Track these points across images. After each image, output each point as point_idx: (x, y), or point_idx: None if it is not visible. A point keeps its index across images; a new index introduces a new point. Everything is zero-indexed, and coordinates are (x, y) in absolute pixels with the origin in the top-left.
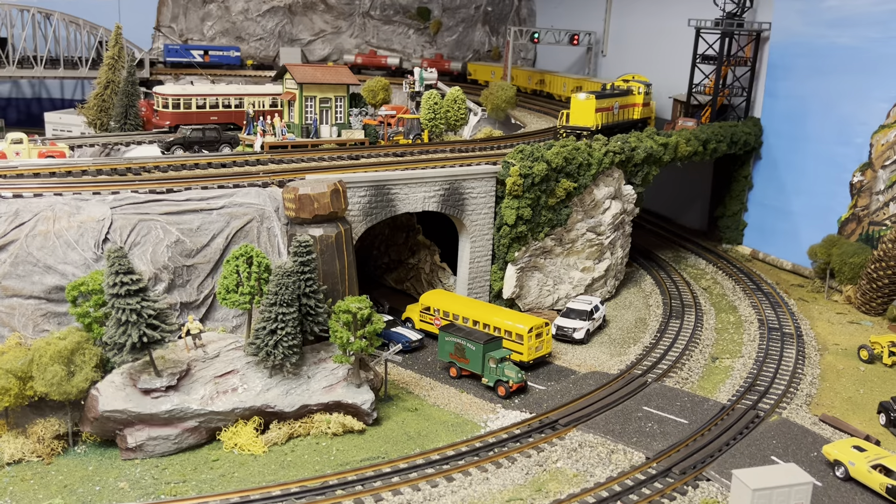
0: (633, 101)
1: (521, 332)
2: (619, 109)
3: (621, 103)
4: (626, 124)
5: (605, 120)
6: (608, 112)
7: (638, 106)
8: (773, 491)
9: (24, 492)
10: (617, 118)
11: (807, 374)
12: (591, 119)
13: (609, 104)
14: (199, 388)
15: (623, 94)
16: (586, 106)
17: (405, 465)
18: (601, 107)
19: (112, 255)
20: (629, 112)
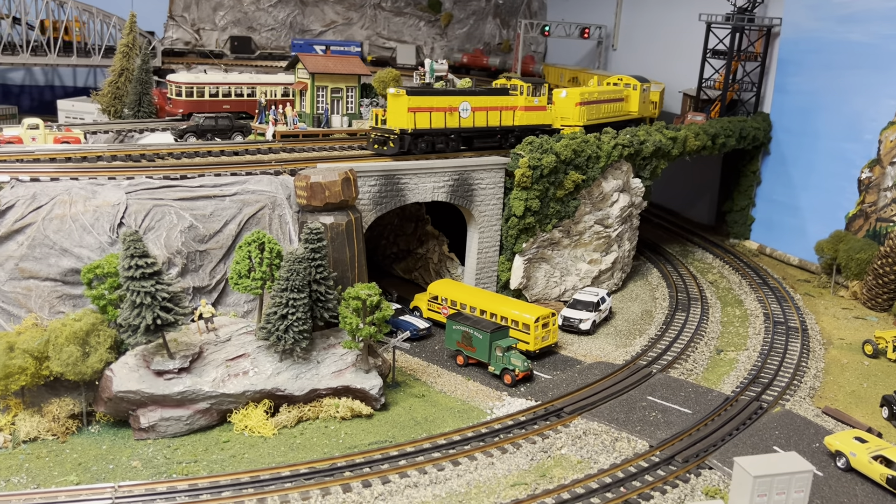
0: (512, 103)
1: (527, 322)
2: (477, 113)
3: (482, 105)
4: (494, 131)
5: (436, 123)
6: (444, 114)
7: (522, 110)
8: (773, 478)
9: (40, 469)
10: (468, 122)
11: (811, 368)
12: (405, 120)
13: (443, 104)
14: (211, 370)
15: (485, 93)
16: (398, 104)
17: (412, 449)
18: (420, 106)
19: (128, 239)
20: (506, 117)
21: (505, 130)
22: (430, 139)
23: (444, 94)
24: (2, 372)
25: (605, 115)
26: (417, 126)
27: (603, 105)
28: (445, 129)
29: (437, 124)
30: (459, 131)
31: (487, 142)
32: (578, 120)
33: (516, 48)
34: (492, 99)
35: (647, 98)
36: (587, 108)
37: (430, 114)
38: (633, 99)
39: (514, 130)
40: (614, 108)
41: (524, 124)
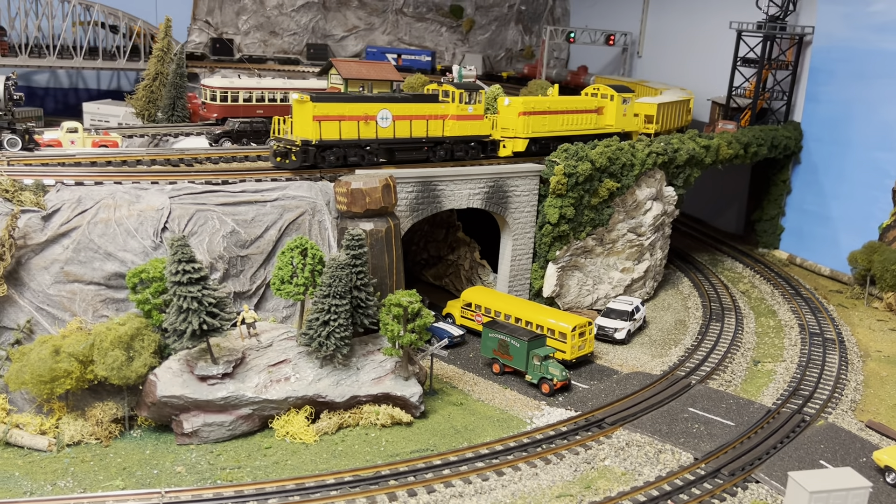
0: (442, 111)
1: (564, 331)
2: (399, 122)
3: (405, 113)
4: (419, 142)
5: (347, 133)
6: (357, 123)
7: (453, 119)
8: (830, 494)
9: (85, 473)
10: (387, 133)
11: (850, 380)
12: (310, 130)
13: (357, 112)
14: (254, 376)
15: (408, 100)
16: (303, 112)
17: (455, 458)
18: (328, 114)
19: (175, 244)
20: (434, 127)
21: (433, 142)
22: (341, 151)
23: (358, 101)
24: (48, 375)
25: (565, 128)
26: (324, 136)
27: (561, 116)
28: (359, 141)
29: (349, 135)
30: (377, 142)
31: (412, 154)
32: (522, 131)
33: (541, 55)
34: (416, 107)
35: (629, 110)
36: (535, 119)
37: (339, 123)
38: (610, 110)
39: (445, 142)
40: (581, 121)
41: (456, 135)
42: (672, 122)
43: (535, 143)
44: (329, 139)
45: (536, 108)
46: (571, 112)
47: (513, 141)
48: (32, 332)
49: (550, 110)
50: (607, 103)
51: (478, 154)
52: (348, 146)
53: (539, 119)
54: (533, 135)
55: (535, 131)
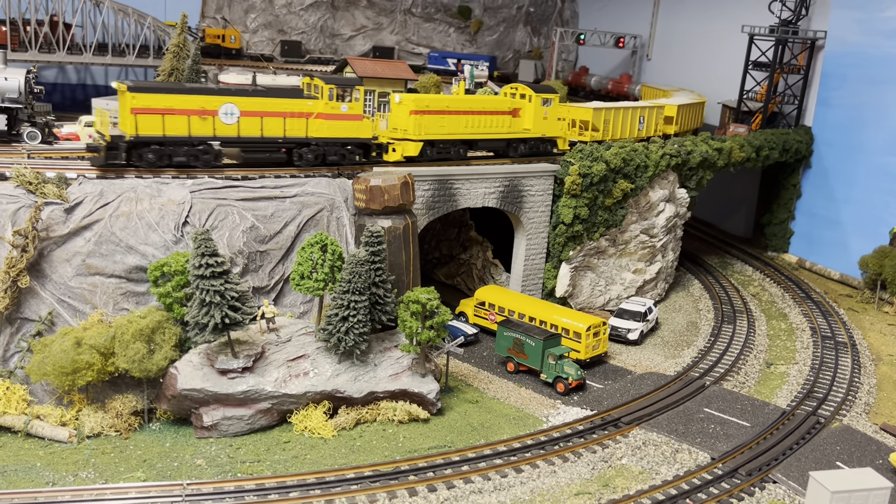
0: (306, 109)
1: (579, 331)
2: (248, 119)
3: (256, 109)
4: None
5: (174, 129)
6: (187, 118)
7: (321, 118)
8: (851, 494)
9: (106, 465)
10: (231, 131)
11: (864, 384)
12: (127, 124)
13: (190, 105)
14: (273, 370)
15: (260, 94)
16: (122, 104)
17: (474, 455)
18: (150, 106)
19: (199, 237)
20: (294, 126)
21: (294, 143)
22: (164, 150)
23: (194, 93)
24: (70, 367)
25: (470, 131)
26: (141, 132)
27: (465, 117)
28: (191, 138)
29: (177, 130)
30: (217, 141)
31: (262, 158)
32: (414, 133)
33: (551, 56)
34: (272, 102)
35: (551, 113)
36: (430, 120)
37: (163, 117)
38: (528, 113)
39: (311, 143)
40: (490, 123)
41: (324, 136)
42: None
43: (431, 146)
44: (148, 135)
45: (432, 106)
46: (478, 113)
47: (403, 144)
48: (54, 324)
49: (450, 110)
50: (524, 105)
51: (357, 159)
52: (176, 144)
53: (435, 119)
54: (427, 137)
55: (430, 133)
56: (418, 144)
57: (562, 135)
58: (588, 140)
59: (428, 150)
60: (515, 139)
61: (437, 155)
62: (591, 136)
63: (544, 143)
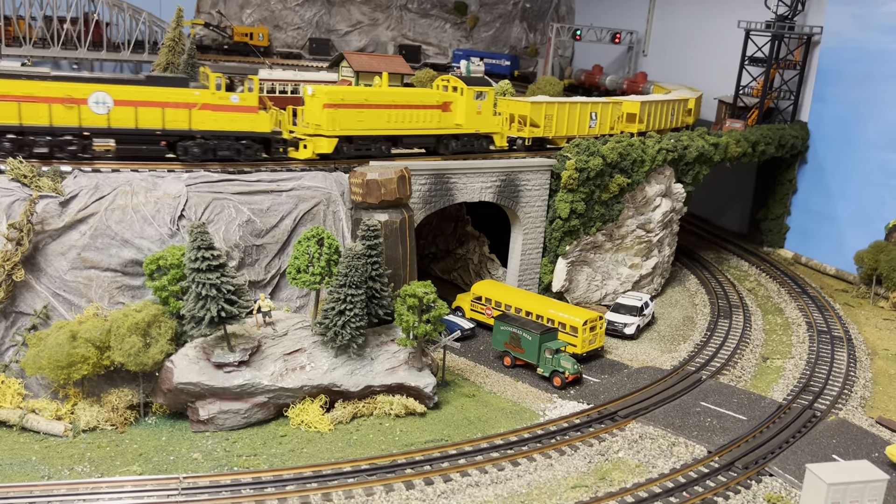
0: (189, 99)
1: (575, 325)
2: (122, 108)
3: (131, 98)
4: (153, 134)
5: (25, 118)
6: (48, 106)
7: (206, 109)
8: (847, 486)
9: (102, 458)
10: (101, 121)
11: (859, 378)
12: None
13: (49, 92)
14: (270, 364)
15: (136, 83)
16: None
17: (471, 449)
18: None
19: (195, 231)
20: (176, 117)
21: (175, 135)
22: (25, 139)
23: (58, 80)
24: (65, 360)
25: (393, 126)
26: None
27: (387, 111)
28: (52, 128)
29: (36, 119)
30: (84, 132)
31: (142, 149)
32: (328, 128)
33: (547, 52)
34: (149, 91)
35: (485, 107)
36: (345, 114)
37: (19, 104)
38: (459, 107)
39: (195, 136)
40: (417, 118)
41: (211, 129)
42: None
43: (347, 142)
44: (3, 124)
45: (348, 99)
46: (403, 107)
47: (315, 139)
48: (49, 318)
49: (370, 104)
50: (456, 98)
51: (257, 154)
52: (33, 133)
53: (352, 114)
54: (343, 132)
55: (345, 128)
56: (332, 141)
57: (498, 130)
58: (527, 136)
59: (344, 147)
60: (447, 135)
61: (354, 152)
62: (532, 133)
63: (480, 140)
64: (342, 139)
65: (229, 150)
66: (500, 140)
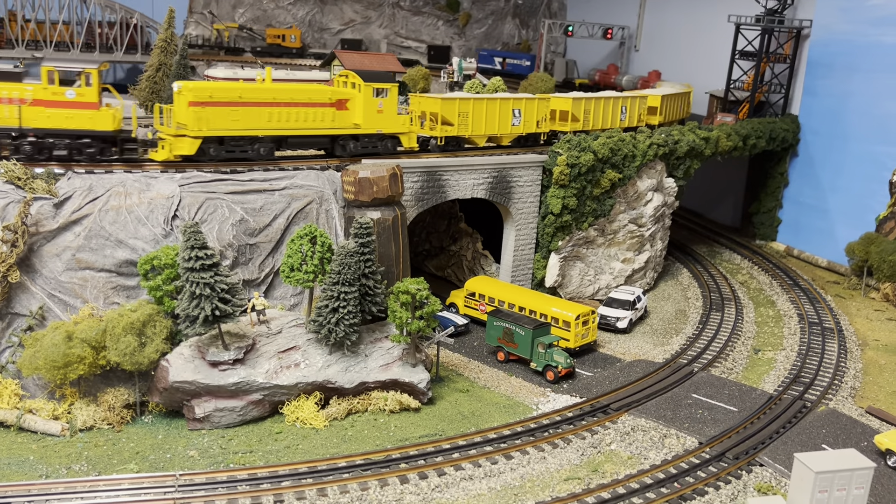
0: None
1: (568, 319)
2: None
3: None
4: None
5: None
6: None
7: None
8: (835, 474)
9: (99, 457)
10: None
11: (850, 368)
12: None
13: None
14: (264, 362)
15: None
16: None
17: (464, 443)
18: None
19: (188, 230)
20: None
21: (4, 132)
22: None
23: None
24: (61, 360)
25: (274, 125)
26: None
27: (267, 110)
28: None
29: None
30: None
31: None
32: (193, 128)
33: (539, 48)
34: None
35: (388, 105)
36: (214, 112)
37: None
38: (357, 105)
39: (26, 134)
40: (305, 117)
41: (43, 127)
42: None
43: (219, 143)
44: None
45: (217, 96)
46: (287, 105)
47: (176, 140)
48: (45, 319)
49: (245, 101)
50: (353, 95)
51: (104, 154)
52: None
53: (223, 112)
54: (211, 132)
55: (215, 128)
56: (195, 142)
57: (404, 130)
58: (439, 136)
59: (212, 149)
60: (344, 135)
61: (226, 154)
62: (445, 132)
63: (384, 140)
64: (211, 140)
65: (65, 148)
66: (408, 141)
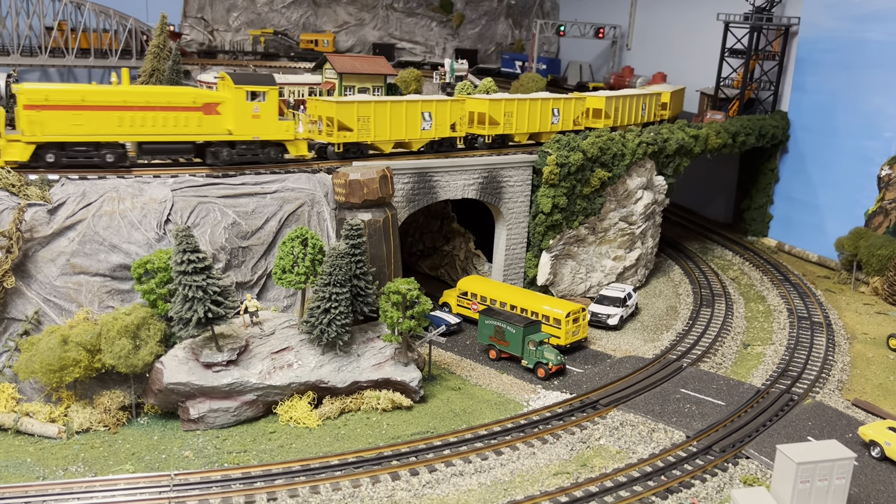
0: None
1: (559, 317)
2: None
3: None
4: None
5: None
6: None
7: None
8: (816, 465)
9: (95, 458)
10: None
11: (837, 361)
12: None
13: None
14: (257, 363)
15: None
16: None
17: (455, 439)
18: None
19: (179, 234)
20: None
21: None
22: None
23: None
24: (57, 364)
25: (126, 130)
26: None
27: (118, 114)
28: None
29: None
30: None
31: None
32: (28, 132)
33: (531, 48)
34: None
35: (266, 110)
36: (52, 116)
37: None
38: (228, 110)
39: None
40: (165, 121)
41: None
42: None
43: (58, 149)
44: None
45: (55, 99)
46: (141, 108)
47: (9, 145)
48: (40, 323)
49: (89, 104)
50: (224, 99)
51: None
52: None
53: (64, 116)
54: (49, 138)
55: (52, 133)
56: (28, 147)
57: (287, 137)
58: (336, 142)
59: (49, 156)
60: (214, 142)
61: (67, 161)
62: (343, 138)
63: (266, 148)
64: (49, 146)
65: None
66: (296, 148)
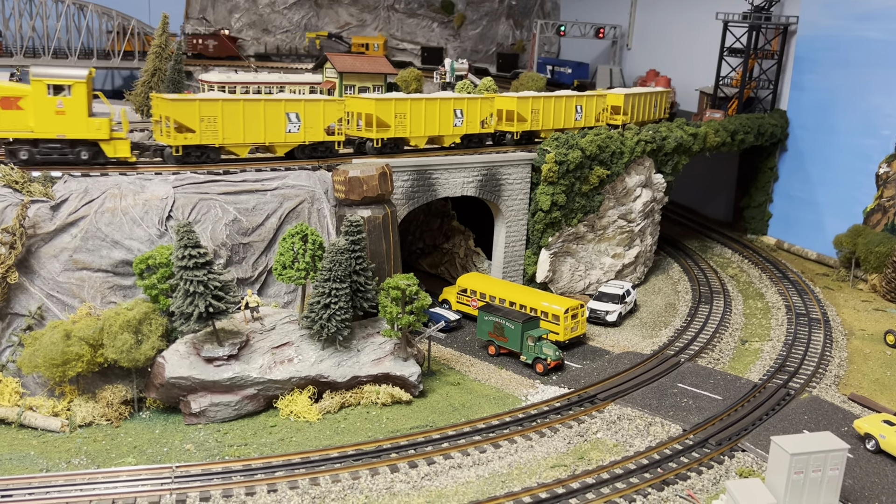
0: None
1: (557, 313)
2: None
3: None
4: None
5: None
6: None
7: None
8: (810, 456)
9: (98, 451)
10: None
11: (835, 357)
12: None
13: None
14: (258, 357)
15: None
16: None
17: (454, 433)
18: None
19: (181, 230)
20: None
21: None
22: None
23: None
24: (60, 358)
25: None
26: None
27: None
28: None
29: None
30: None
31: None
32: None
33: (532, 48)
34: None
35: (74, 106)
36: None
37: None
38: (29, 105)
39: None
40: None
41: None
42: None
43: None
44: None
45: None
46: None
47: None
48: (43, 319)
49: None
50: (26, 93)
51: None
52: None
53: None
54: None
55: None
56: None
57: (100, 136)
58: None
59: None
60: (16, 140)
61: None
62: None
63: (77, 147)
64: None
65: None
66: (113, 149)
